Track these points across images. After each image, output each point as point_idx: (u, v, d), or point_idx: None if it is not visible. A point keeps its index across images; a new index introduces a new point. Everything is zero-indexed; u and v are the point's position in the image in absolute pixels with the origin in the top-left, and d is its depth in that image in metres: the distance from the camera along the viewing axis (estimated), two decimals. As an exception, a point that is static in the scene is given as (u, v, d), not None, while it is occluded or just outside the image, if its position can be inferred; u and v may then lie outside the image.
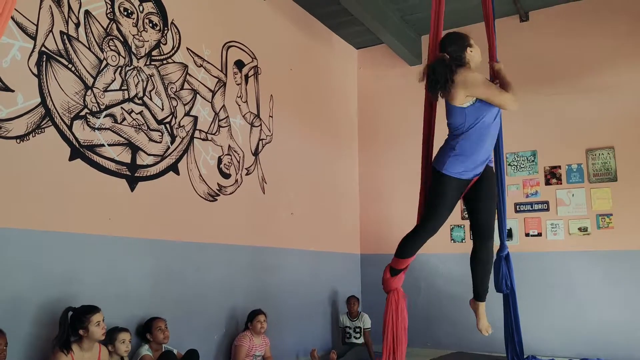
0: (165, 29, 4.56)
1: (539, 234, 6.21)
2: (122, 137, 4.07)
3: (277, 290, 5.52)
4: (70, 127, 3.70)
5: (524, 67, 6.38)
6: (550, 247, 6.14)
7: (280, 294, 5.54)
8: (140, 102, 4.26)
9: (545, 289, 6.02)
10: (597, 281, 5.85)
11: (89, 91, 3.86)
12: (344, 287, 6.66)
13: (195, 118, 4.78)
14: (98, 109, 3.92)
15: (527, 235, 6.28)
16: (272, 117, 5.78)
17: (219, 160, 5.00)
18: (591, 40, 6.19)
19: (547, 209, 6.19)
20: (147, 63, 4.36)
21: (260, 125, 5.60)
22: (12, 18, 3.39)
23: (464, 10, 6.32)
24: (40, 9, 3.59)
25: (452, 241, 6.66)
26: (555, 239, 6.15)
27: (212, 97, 4.99)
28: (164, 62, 4.52)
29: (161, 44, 4.51)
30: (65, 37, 3.74)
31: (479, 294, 3.81)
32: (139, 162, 4.18)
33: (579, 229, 6.03)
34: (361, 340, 5.97)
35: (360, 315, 6.08)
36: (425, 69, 3.51)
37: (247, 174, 5.33)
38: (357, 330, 6.02)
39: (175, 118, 4.56)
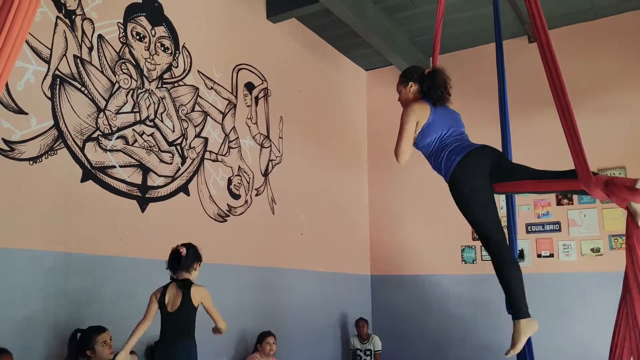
0: (177, 52, 4.63)
1: (551, 255, 6.14)
2: (133, 158, 4.12)
3: (287, 311, 5.49)
4: (82, 149, 3.75)
5: (533, 88, 6.35)
6: (563, 268, 6.06)
7: (290, 315, 5.51)
8: (151, 124, 4.31)
9: (558, 311, 5.93)
10: (611, 303, 5.64)
11: (101, 113, 3.92)
12: (355, 309, 6.61)
13: (206, 139, 4.82)
14: (110, 131, 3.97)
15: (539, 256, 6.20)
16: (281, 138, 5.81)
17: (229, 181, 5.02)
18: (601, 60, 6.18)
19: (559, 230, 6.13)
20: (159, 86, 4.42)
21: (270, 146, 5.63)
22: (27, 42, 3.47)
23: (472, 32, 6.37)
24: (54, 33, 3.67)
25: (463, 262, 6.60)
26: (567, 259, 6.07)
27: (223, 118, 5.04)
28: (175, 84, 4.58)
29: (172, 67, 4.57)
30: (78, 60, 3.81)
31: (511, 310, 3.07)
32: (149, 183, 4.22)
33: (592, 249, 5.95)
34: (372, 363, 5.91)
35: (370, 338, 6.02)
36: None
37: (256, 195, 5.34)
38: (368, 352, 5.95)
39: (186, 139, 4.61)
